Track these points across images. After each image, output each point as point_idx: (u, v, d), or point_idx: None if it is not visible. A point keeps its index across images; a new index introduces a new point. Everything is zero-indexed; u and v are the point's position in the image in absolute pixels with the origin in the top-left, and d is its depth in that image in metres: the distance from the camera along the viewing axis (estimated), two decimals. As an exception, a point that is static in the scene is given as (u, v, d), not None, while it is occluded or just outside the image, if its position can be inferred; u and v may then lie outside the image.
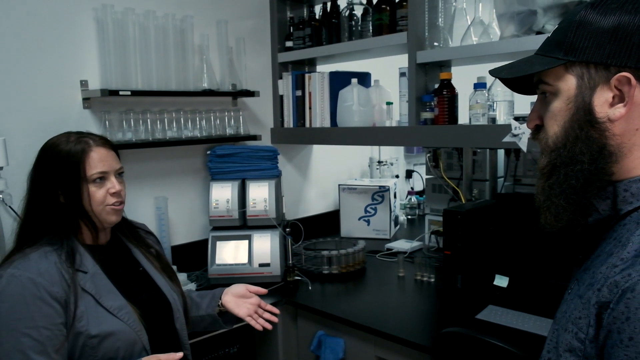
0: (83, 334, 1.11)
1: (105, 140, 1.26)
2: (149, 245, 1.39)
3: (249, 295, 1.47)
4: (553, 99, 0.79)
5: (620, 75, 0.72)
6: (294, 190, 2.71)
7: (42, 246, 1.15)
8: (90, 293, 1.15)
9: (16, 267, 1.10)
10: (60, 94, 1.84)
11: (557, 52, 0.77)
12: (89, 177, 1.18)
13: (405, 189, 3.26)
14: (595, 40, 0.74)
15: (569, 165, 0.77)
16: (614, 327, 0.68)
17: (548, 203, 0.80)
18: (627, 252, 0.71)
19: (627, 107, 0.73)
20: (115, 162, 1.24)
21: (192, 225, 2.27)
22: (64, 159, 1.17)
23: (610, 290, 0.69)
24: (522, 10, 1.59)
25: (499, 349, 1.27)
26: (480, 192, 2.30)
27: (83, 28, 1.88)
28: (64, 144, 1.18)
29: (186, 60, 2.09)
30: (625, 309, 0.67)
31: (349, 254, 2.16)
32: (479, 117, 1.77)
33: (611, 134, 0.75)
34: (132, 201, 2.02)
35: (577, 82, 0.76)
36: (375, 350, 1.67)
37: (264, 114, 2.52)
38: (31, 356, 1.05)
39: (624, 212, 0.76)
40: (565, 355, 0.76)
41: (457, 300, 1.81)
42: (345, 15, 2.20)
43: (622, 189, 0.76)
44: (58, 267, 1.12)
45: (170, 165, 2.19)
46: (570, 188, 0.77)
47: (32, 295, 1.07)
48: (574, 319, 0.75)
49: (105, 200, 1.20)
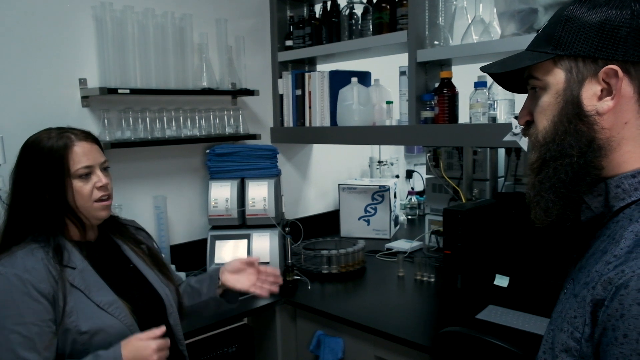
0: (72, 330, 1.10)
1: (88, 134, 1.23)
2: (139, 241, 1.37)
3: (245, 268, 1.45)
4: (542, 93, 0.80)
5: (608, 68, 0.73)
6: (294, 189, 2.70)
7: (28, 244, 1.14)
8: (79, 289, 1.13)
9: (2, 265, 1.09)
10: (58, 92, 1.83)
11: (546, 47, 0.78)
12: (73, 172, 1.16)
13: (405, 189, 3.26)
14: (583, 34, 0.75)
15: (558, 159, 0.77)
16: (609, 324, 0.67)
17: (538, 198, 0.80)
18: (620, 248, 0.71)
19: (615, 100, 0.74)
20: (99, 156, 1.22)
21: (191, 225, 2.26)
22: (47, 156, 1.15)
23: (604, 287, 0.69)
24: (523, 9, 1.58)
25: (498, 349, 1.26)
26: (481, 192, 2.29)
27: (82, 26, 1.87)
28: (45, 140, 1.16)
29: (185, 58, 2.08)
30: (619, 306, 0.66)
31: (349, 254, 2.15)
32: (480, 116, 1.77)
33: (600, 127, 0.75)
34: (130, 200, 2.02)
35: (566, 76, 0.77)
36: (375, 350, 1.66)
37: (264, 113, 2.51)
38: (20, 353, 1.04)
39: (616, 209, 0.76)
40: (562, 355, 0.75)
41: (457, 300, 1.80)
42: (346, 14, 2.20)
43: (614, 186, 0.76)
44: (45, 264, 1.11)
45: (169, 164, 2.18)
46: (560, 182, 0.77)
47: (19, 292, 1.06)
48: (569, 318, 0.75)
49: (92, 195, 1.18)
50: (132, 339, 1.12)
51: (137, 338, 1.12)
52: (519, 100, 1.68)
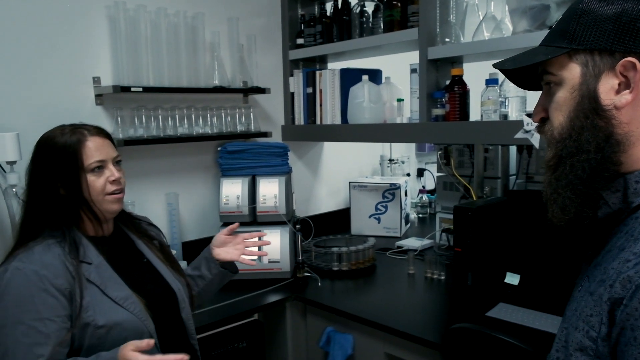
0: (91, 325, 1.11)
1: (100, 129, 1.26)
2: (152, 237, 1.40)
3: (231, 239, 1.54)
4: (557, 89, 0.78)
5: (625, 60, 0.71)
6: (305, 187, 2.71)
7: (44, 239, 1.16)
8: (95, 284, 1.15)
9: (20, 260, 1.11)
10: (73, 90, 1.86)
11: (561, 42, 0.76)
12: (87, 166, 1.18)
13: (416, 187, 3.25)
14: (598, 27, 0.73)
15: (575, 155, 0.75)
16: (627, 324, 0.66)
17: (555, 195, 0.78)
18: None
19: (633, 93, 0.72)
20: (112, 150, 1.25)
21: (203, 221, 2.28)
22: (61, 151, 1.17)
23: (623, 285, 0.67)
24: (535, 5, 1.57)
25: (508, 346, 1.26)
26: (492, 190, 2.28)
27: (96, 25, 1.90)
28: (59, 136, 1.19)
29: (197, 57, 2.10)
30: (639, 305, 0.65)
31: (359, 251, 2.16)
32: (491, 114, 1.76)
33: (618, 122, 0.73)
34: (143, 197, 2.04)
35: (582, 70, 0.75)
36: (384, 347, 1.67)
37: (275, 111, 2.52)
38: (35, 349, 1.05)
39: (635, 205, 0.74)
40: (576, 354, 0.73)
41: (467, 298, 1.80)
42: (357, 11, 2.20)
43: (634, 181, 0.74)
44: (62, 259, 1.13)
45: (181, 161, 2.20)
46: (577, 179, 0.75)
47: (36, 288, 1.08)
48: (584, 316, 0.73)
49: (105, 189, 1.20)
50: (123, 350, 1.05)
51: (126, 348, 1.05)
52: (531, 98, 1.68)
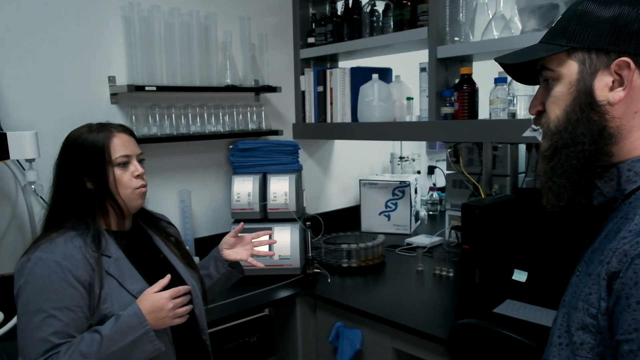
0: (109, 316, 1.16)
1: (125, 127, 1.32)
2: (170, 234, 1.45)
3: (239, 240, 1.57)
4: (555, 84, 0.83)
5: (620, 60, 0.77)
6: (315, 185, 2.74)
7: (67, 231, 1.21)
8: (113, 276, 1.20)
9: (43, 251, 1.16)
10: (89, 90, 1.91)
11: (560, 40, 0.81)
12: (113, 160, 1.24)
13: (427, 185, 3.26)
14: (597, 28, 0.78)
15: (570, 146, 0.80)
16: (622, 293, 0.70)
17: (550, 183, 0.83)
18: (634, 224, 0.73)
19: (626, 90, 0.77)
20: (136, 147, 1.31)
21: (215, 218, 2.32)
22: (90, 146, 1.23)
23: (619, 260, 0.71)
24: (544, 4, 1.58)
25: (514, 342, 1.28)
26: (501, 188, 2.29)
27: (111, 25, 1.94)
28: (87, 132, 1.25)
29: (210, 56, 2.13)
30: (633, 274, 0.68)
31: (369, 248, 2.18)
32: (499, 112, 1.77)
33: (611, 116, 0.78)
34: (156, 194, 2.08)
35: (579, 67, 0.80)
36: (393, 342, 1.69)
37: (286, 110, 2.55)
38: (53, 337, 1.10)
39: (628, 191, 0.79)
40: (578, 333, 0.77)
41: (475, 295, 1.81)
42: (367, 11, 2.22)
43: (626, 169, 0.79)
44: (82, 251, 1.17)
45: (194, 159, 2.24)
46: (572, 168, 0.80)
47: (58, 277, 1.13)
48: (584, 296, 0.77)
49: (131, 184, 1.26)
50: (145, 294, 1.18)
51: (149, 292, 1.18)
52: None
